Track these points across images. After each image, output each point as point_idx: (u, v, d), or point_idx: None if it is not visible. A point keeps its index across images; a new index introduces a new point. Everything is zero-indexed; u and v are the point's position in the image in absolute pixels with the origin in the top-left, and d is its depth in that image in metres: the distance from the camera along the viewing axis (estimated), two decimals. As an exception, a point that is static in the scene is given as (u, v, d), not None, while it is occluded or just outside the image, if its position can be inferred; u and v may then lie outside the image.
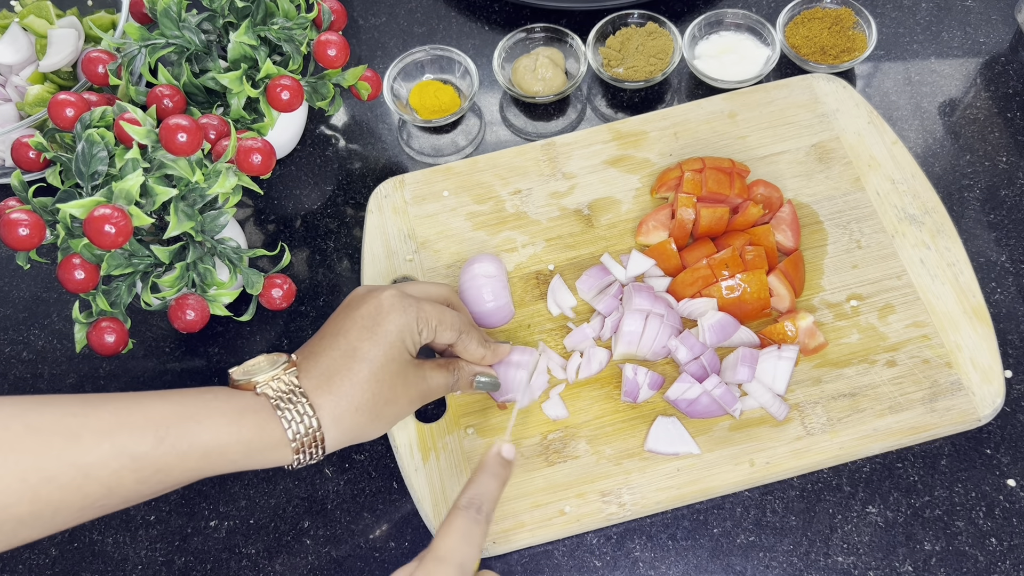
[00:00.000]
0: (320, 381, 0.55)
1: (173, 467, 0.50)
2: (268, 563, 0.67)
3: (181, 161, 0.64)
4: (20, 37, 0.83)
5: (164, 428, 0.50)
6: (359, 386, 0.55)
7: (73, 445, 0.48)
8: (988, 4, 0.87)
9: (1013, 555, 0.63)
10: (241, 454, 0.52)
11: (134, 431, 0.49)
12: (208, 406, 0.52)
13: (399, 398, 0.57)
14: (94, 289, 0.65)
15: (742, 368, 0.66)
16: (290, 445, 0.53)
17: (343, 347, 0.56)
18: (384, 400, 0.56)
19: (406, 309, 0.58)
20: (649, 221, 0.74)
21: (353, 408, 0.55)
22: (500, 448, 0.56)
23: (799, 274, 0.71)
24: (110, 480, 0.49)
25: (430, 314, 0.59)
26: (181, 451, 0.50)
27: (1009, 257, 0.74)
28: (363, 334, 0.56)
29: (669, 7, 0.89)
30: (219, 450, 0.51)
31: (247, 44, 0.71)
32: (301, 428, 0.53)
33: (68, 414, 0.49)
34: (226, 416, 0.52)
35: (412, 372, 0.59)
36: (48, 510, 0.48)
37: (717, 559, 0.64)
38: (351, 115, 0.87)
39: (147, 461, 0.49)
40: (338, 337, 0.57)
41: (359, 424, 0.55)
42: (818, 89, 0.80)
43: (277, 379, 0.54)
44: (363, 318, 0.57)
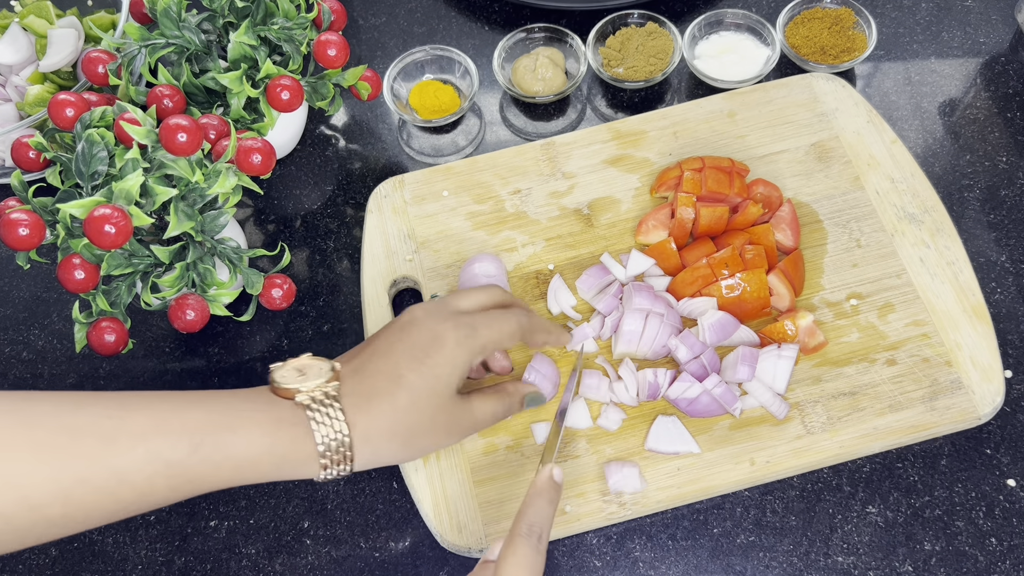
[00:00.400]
0: (360, 400, 0.54)
1: (206, 476, 0.50)
2: (268, 563, 0.67)
3: (181, 161, 0.64)
4: (20, 37, 0.83)
5: (200, 436, 0.49)
6: (397, 413, 0.54)
7: (109, 448, 0.47)
8: (988, 4, 0.87)
9: (1013, 555, 0.63)
10: (272, 467, 0.52)
11: (170, 437, 0.49)
12: (244, 416, 0.51)
13: (437, 431, 0.56)
14: (94, 289, 0.65)
15: (742, 367, 0.66)
16: (319, 460, 0.52)
17: (389, 371, 0.55)
18: (421, 431, 0.55)
19: (461, 343, 0.56)
20: (649, 220, 0.74)
21: (388, 434, 0.54)
22: (552, 472, 0.55)
23: (799, 273, 0.71)
24: (143, 486, 0.48)
25: (488, 340, 0.58)
26: (215, 462, 0.50)
27: (1009, 257, 0.74)
28: (412, 364, 0.55)
29: (669, 7, 0.89)
30: (251, 462, 0.51)
31: (247, 44, 0.71)
32: (333, 444, 0.52)
33: (104, 416, 0.48)
34: (261, 427, 0.51)
35: (456, 406, 0.57)
36: (80, 513, 0.47)
37: (717, 559, 0.65)
38: (351, 115, 0.87)
39: (181, 469, 0.49)
40: (387, 360, 0.55)
41: (389, 450, 0.55)
42: (817, 88, 0.80)
43: (318, 390, 0.53)
44: (415, 347, 0.56)
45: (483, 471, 0.66)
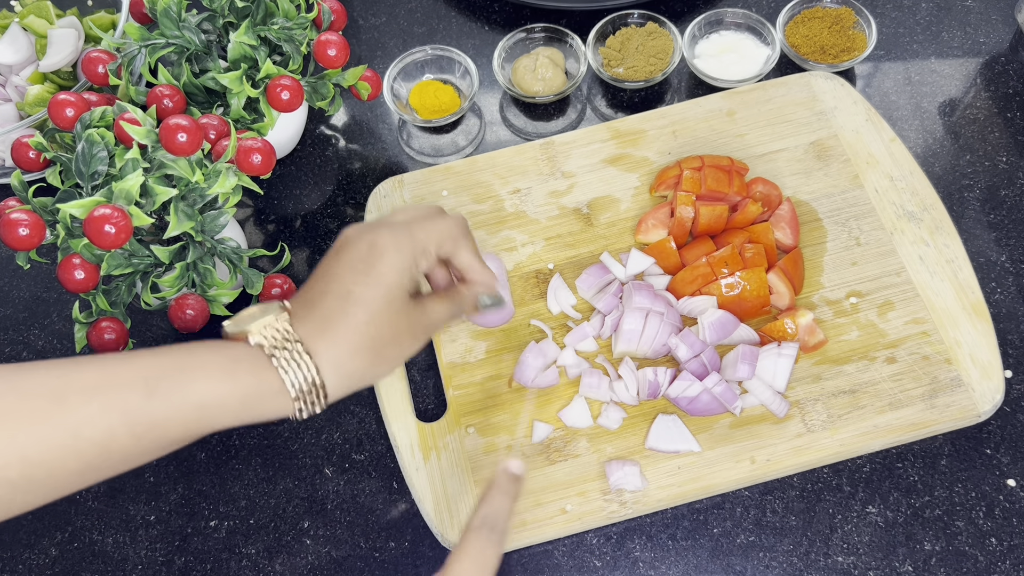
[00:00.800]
0: (315, 326, 0.52)
1: (168, 421, 0.48)
2: (268, 563, 0.67)
3: (181, 161, 0.64)
4: (20, 37, 0.83)
5: (154, 381, 0.48)
6: (356, 329, 0.52)
7: (60, 405, 0.46)
8: (988, 4, 0.87)
9: (1013, 555, 0.63)
10: (239, 405, 0.50)
11: (122, 387, 0.47)
12: (199, 358, 0.50)
13: (401, 337, 0.55)
14: (94, 289, 0.65)
15: (742, 366, 0.66)
16: (289, 393, 0.51)
17: (336, 291, 0.53)
18: (384, 341, 0.54)
19: (400, 247, 0.55)
20: (648, 219, 0.74)
21: (352, 351, 0.52)
22: (508, 465, 0.55)
23: (798, 271, 0.71)
24: (103, 439, 0.47)
25: (426, 241, 0.57)
26: (174, 403, 0.48)
27: (1009, 257, 0.74)
28: (357, 277, 0.54)
29: (669, 7, 0.89)
30: (215, 402, 0.49)
31: (247, 44, 0.71)
32: (299, 376, 0.51)
33: (52, 376, 0.47)
34: (219, 367, 0.49)
35: (413, 309, 0.56)
36: (41, 473, 0.46)
37: (717, 559, 0.64)
38: (351, 115, 0.87)
39: (140, 416, 0.48)
40: (331, 282, 0.54)
41: (360, 368, 0.53)
42: (816, 87, 0.80)
43: (269, 327, 0.52)
44: (356, 260, 0.55)
45: (483, 470, 0.66)
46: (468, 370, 0.71)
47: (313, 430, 0.72)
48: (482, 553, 0.50)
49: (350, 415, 0.72)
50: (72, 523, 0.69)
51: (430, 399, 0.71)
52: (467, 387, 0.70)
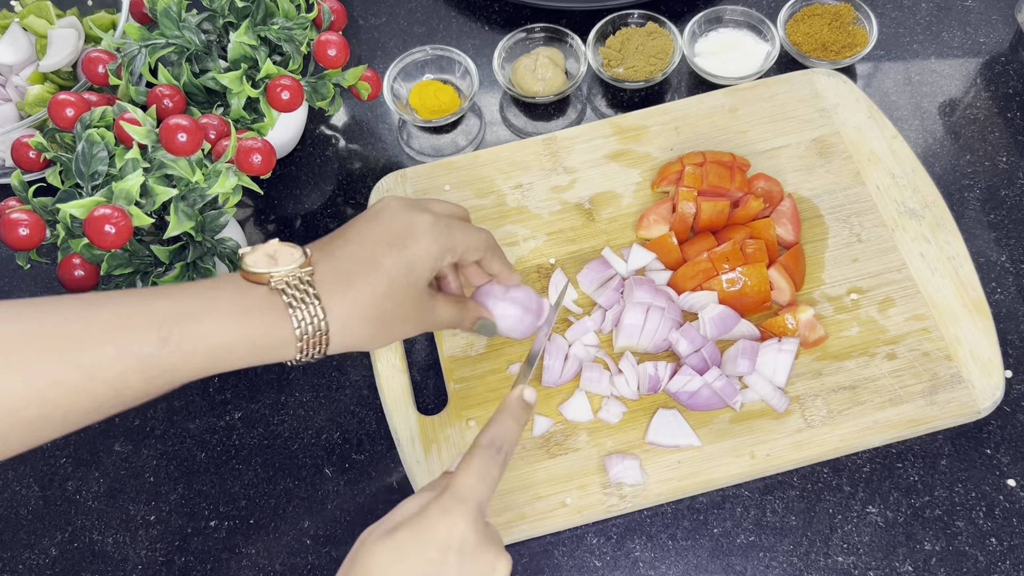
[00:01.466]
0: (336, 283, 0.53)
1: (179, 367, 0.50)
2: (268, 563, 0.67)
3: (181, 161, 0.64)
4: (20, 37, 0.83)
5: (167, 328, 0.49)
6: (374, 298, 0.54)
7: (76, 348, 0.47)
8: (988, 4, 0.87)
9: (1013, 555, 0.63)
10: (247, 352, 0.51)
11: (136, 332, 0.48)
12: (213, 305, 0.51)
13: (407, 320, 0.56)
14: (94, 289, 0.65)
15: (743, 361, 0.66)
16: (296, 344, 0.52)
17: (365, 256, 0.54)
18: (394, 318, 0.55)
19: (438, 237, 0.56)
20: (650, 215, 0.74)
21: (364, 318, 0.54)
22: (523, 391, 0.56)
23: (799, 267, 0.71)
24: (116, 382, 0.48)
25: (459, 240, 0.58)
26: (186, 351, 0.49)
27: (1009, 257, 0.74)
28: (388, 250, 0.55)
29: (669, 7, 0.89)
30: (225, 348, 0.50)
31: (247, 44, 0.71)
32: (310, 330, 0.52)
33: (69, 318, 0.48)
34: (232, 316, 0.50)
35: (426, 299, 0.58)
36: (58, 413, 0.47)
37: (717, 559, 0.64)
38: (351, 115, 0.87)
39: (152, 362, 0.48)
40: (362, 244, 0.55)
41: (364, 334, 0.54)
42: (818, 84, 0.80)
43: (293, 275, 0.52)
44: (391, 234, 0.56)
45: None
46: (469, 364, 0.71)
47: (313, 430, 0.72)
48: (487, 469, 0.52)
49: (350, 415, 0.72)
50: (72, 523, 0.70)
51: (431, 394, 0.71)
52: (468, 380, 0.70)
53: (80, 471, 0.71)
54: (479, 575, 0.49)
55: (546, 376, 0.68)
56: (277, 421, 0.72)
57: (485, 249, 0.61)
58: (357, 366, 0.74)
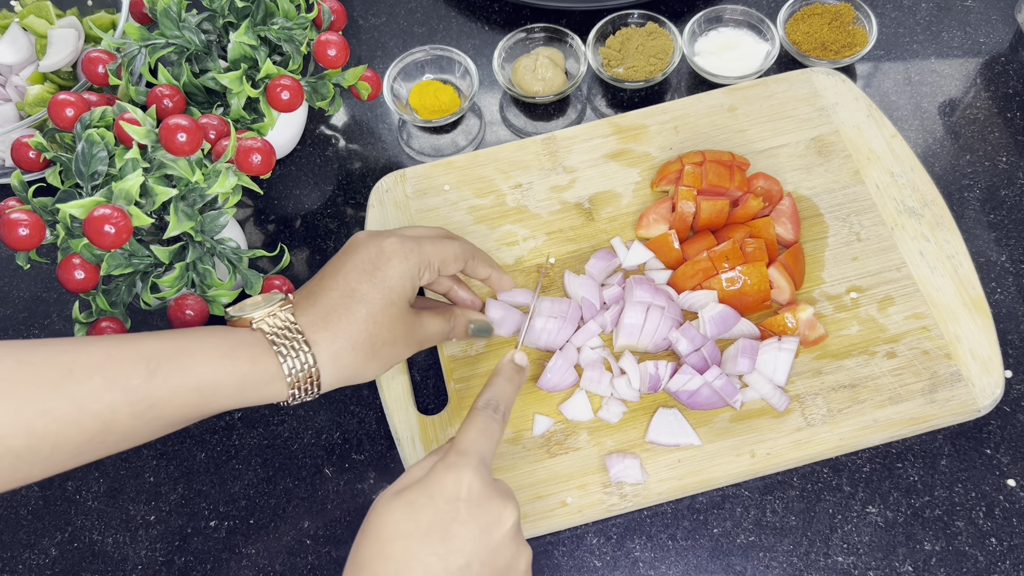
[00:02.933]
0: (317, 319, 0.55)
1: (167, 401, 0.50)
2: (268, 563, 0.67)
3: (181, 161, 0.64)
4: (20, 37, 0.84)
5: (155, 362, 0.50)
6: (357, 325, 0.55)
7: (66, 378, 0.48)
8: (988, 4, 0.87)
9: (1013, 555, 0.63)
10: (235, 389, 0.52)
11: (124, 364, 0.50)
12: (201, 342, 0.52)
13: (397, 341, 0.58)
14: (94, 289, 0.66)
15: (743, 359, 0.66)
16: (285, 380, 0.53)
17: (342, 288, 0.56)
18: (381, 341, 0.57)
19: (407, 255, 0.59)
20: (650, 214, 0.74)
21: (350, 346, 0.55)
22: (513, 355, 0.59)
23: (799, 266, 0.71)
24: (105, 414, 0.49)
25: (432, 255, 0.60)
26: (173, 384, 0.50)
27: (1009, 257, 0.74)
28: (362, 276, 0.57)
29: (669, 7, 0.89)
30: (213, 385, 0.51)
31: (247, 44, 0.71)
32: (297, 364, 0.53)
33: (59, 351, 0.49)
34: (219, 350, 0.52)
35: (410, 318, 0.59)
36: (46, 445, 0.48)
37: (717, 559, 0.64)
38: (351, 115, 0.87)
39: (140, 394, 0.49)
40: (336, 278, 0.57)
41: (355, 363, 0.56)
42: (817, 83, 0.80)
43: (273, 315, 0.55)
44: (364, 262, 0.58)
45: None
46: (469, 364, 0.71)
47: (313, 430, 0.72)
48: (487, 427, 0.54)
49: (350, 415, 0.72)
50: (72, 523, 0.70)
51: (431, 394, 0.71)
52: (468, 380, 0.70)
53: (80, 471, 0.71)
54: (487, 522, 0.50)
55: (547, 381, 0.68)
56: (277, 421, 0.72)
57: (465, 257, 0.63)
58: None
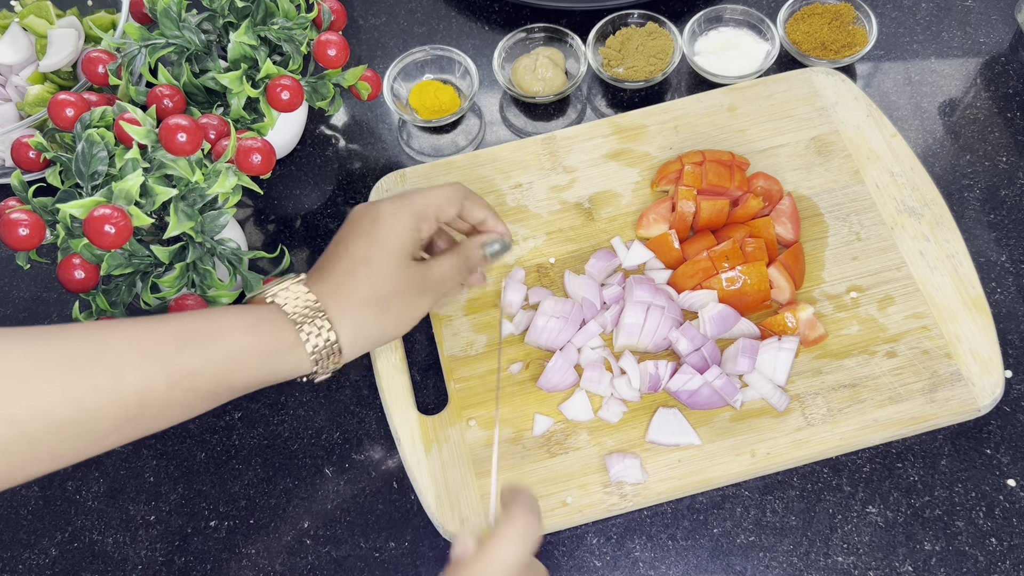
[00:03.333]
0: (328, 287, 0.58)
1: (200, 372, 0.53)
2: (268, 563, 0.67)
3: (181, 161, 0.64)
4: (20, 37, 0.84)
5: (185, 336, 0.53)
6: (362, 283, 0.58)
7: (102, 354, 0.50)
8: (988, 4, 0.87)
9: (1013, 555, 0.63)
10: (262, 358, 0.55)
11: (158, 341, 0.52)
12: (225, 320, 0.55)
13: (406, 292, 0.60)
14: (94, 289, 0.66)
15: (742, 359, 0.66)
16: (305, 347, 0.56)
17: (343, 256, 0.60)
18: (389, 293, 0.59)
19: (398, 212, 0.61)
20: (650, 214, 0.74)
21: (360, 304, 0.58)
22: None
23: (799, 266, 0.71)
24: (143, 386, 0.51)
25: (423, 205, 0.62)
26: (205, 355, 0.53)
27: (1009, 257, 0.74)
28: (360, 240, 0.60)
29: (669, 7, 0.89)
30: (242, 355, 0.54)
31: (247, 44, 0.71)
32: (314, 330, 0.56)
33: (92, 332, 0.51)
34: (243, 326, 0.55)
35: (415, 267, 0.61)
36: (89, 417, 0.49)
37: (717, 559, 0.64)
38: (351, 115, 0.87)
39: (175, 365, 0.52)
40: (339, 248, 0.61)
41: (369, 320, 0.58)
42: (817, 83, 0.80)
43: (286, 290, 0.58)
44: (361, 228, 0.61)
45: (485, 463, 0.66)
46: (469, 363, 0.71)
47: (313, 430, 0.72)
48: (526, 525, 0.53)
49: (350, 415, 0.72)
50: (72, 523, 0.70)
51: (431, 394, 0.71)
52: (468, 380, 0.70)
53: (80, 471, 0.71)
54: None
55: (547, 381, 0.68)
56: (277, 421, 0.72)
57: (458, 199, 0.64)
58: (357, 366, 0.74)
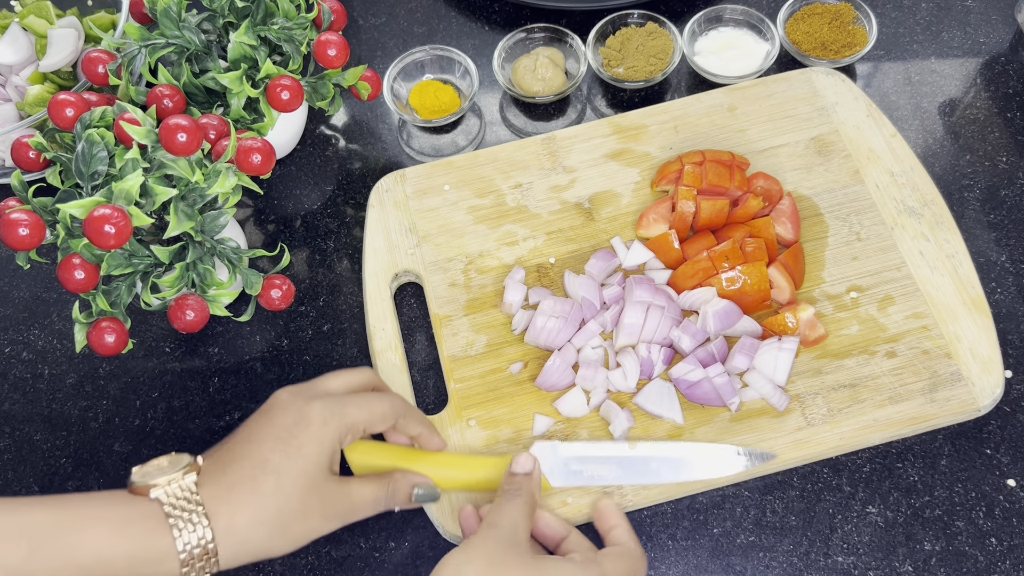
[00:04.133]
0: (221, 490, 0.51)
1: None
2: (268, 563, 0.67)
3: (181, 161, 0.64)
4: (20, 37, 0.84)
5: (39, 539, 0.47)
6: (263, 499, 0.51)
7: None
8: (988, 4, 0.87)
9: (1013, 555, 0.63)
10: (125, 567, 0.49)
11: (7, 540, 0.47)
12: (92, 515, 0.49)
13: (311, 515, 0.53)
14: (94, 289, 0.65)
15: (739, 356, 0.66)
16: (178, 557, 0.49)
17: (254, 457, 0.52)
18: (291, 516, 0.52)
19: (327, 421, 0.54)
20: (650, 214, 0.74)
21: (255, 522, 0.51)
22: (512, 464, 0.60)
23: (799, 266, 0.71)
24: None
25: (356, 418, 0.56)
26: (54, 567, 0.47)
27: (1009, 257, 0.74)
28: (277, 445, 0.53)
29: (669, 7, 0.89)
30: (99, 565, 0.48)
31: (247, 44, 0.71)
32: (192, 539, 0.49)
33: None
34: (110, 525, 0.48)
35: (332, 488, 0.54)
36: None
37: (717, 559, 0.64)
38: (351, 115, 0.87)
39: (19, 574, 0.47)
40: (250, 445, 0.53)
41: (259, 539, 0.51)
42: (817, 83, 0.80)
43: (174, 483, 0.50)
44: (280, 428, 0.54)
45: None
46: (469, 363, 0.71)
47: (313, 430, 0.72)
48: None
49: (350, 415, 0.72)
50: (72, 523, 0.69)
51: (431, 394, 0.71)
52: (468, 380, 0.70)
53: (80, 471, 0.71)
54: None
55: (544, 381, 0.68)
56: (277, 421, 0.72)
57: (393, 416, 0.58)
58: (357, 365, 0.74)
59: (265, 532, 0.51)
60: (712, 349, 0.67)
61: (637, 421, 0.67)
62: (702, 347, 0.68)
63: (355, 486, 0.56)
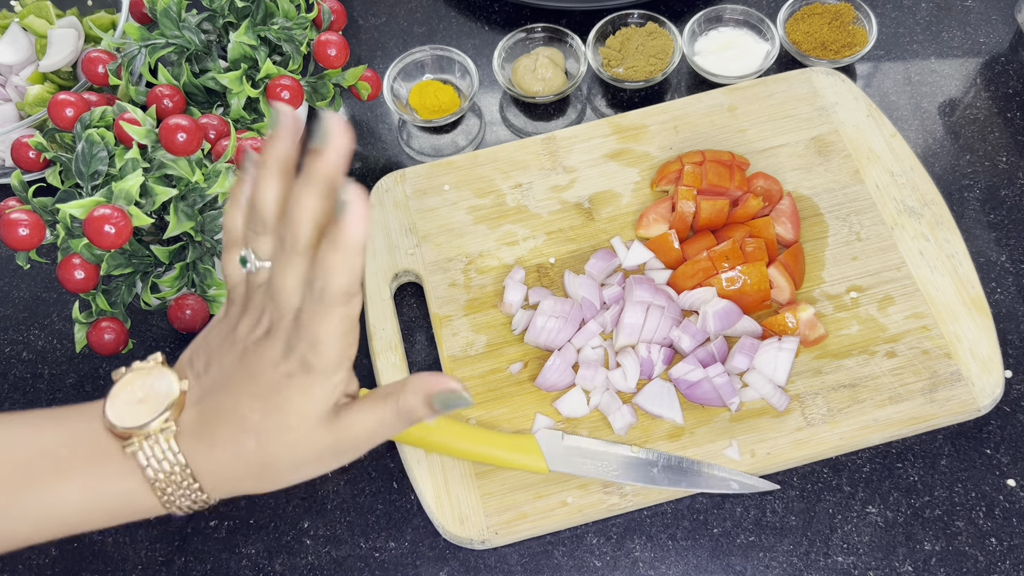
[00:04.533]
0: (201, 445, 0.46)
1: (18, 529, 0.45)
2: (268, 563, 0.67)
3: (181, 161, 0.64)
4: (20, 37, 0.84)
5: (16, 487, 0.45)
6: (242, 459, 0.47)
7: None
8: (988, 4, 0.87)
9: (1013, 555, 0.63)
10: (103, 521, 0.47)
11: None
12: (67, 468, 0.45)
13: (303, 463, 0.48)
14: (94, 289, 0.66)
15: (739, 356, 0.66)
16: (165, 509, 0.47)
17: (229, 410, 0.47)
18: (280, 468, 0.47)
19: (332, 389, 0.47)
20: (649, 214, 0.74)
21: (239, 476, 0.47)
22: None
23: (799, 266, 0.71)
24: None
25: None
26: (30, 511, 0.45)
27: (1009, 257, 0.74)
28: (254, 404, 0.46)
29: (669, 7, 0.89)
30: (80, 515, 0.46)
31: (247, 44, 0.71)
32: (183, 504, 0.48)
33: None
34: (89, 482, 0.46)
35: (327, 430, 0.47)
36: None
37: (717, 559, 0.64)
38: (351, 115, 0.87)
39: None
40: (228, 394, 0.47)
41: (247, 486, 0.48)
42: (817, 83, 0.80)
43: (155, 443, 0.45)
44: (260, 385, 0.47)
45: (486, 463, 0.66)
46: (469, 363, 0.71)
47: (313, 430, 0.72)
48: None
49: (350, 415, 0.72)
50: (72, 523, 0.69)
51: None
52: (468, 380, 0.70)
53: (80, 471, 0.71)
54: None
55: (544, 380, 0.68)
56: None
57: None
58: (357, 365, 0.74)
59: (253, 482, 0.48)
60: (712, 349, 0.67)
61: (637, 421, 0.67)
62: (702, 347, 0.68)
63: (354, 419, 0.48)
